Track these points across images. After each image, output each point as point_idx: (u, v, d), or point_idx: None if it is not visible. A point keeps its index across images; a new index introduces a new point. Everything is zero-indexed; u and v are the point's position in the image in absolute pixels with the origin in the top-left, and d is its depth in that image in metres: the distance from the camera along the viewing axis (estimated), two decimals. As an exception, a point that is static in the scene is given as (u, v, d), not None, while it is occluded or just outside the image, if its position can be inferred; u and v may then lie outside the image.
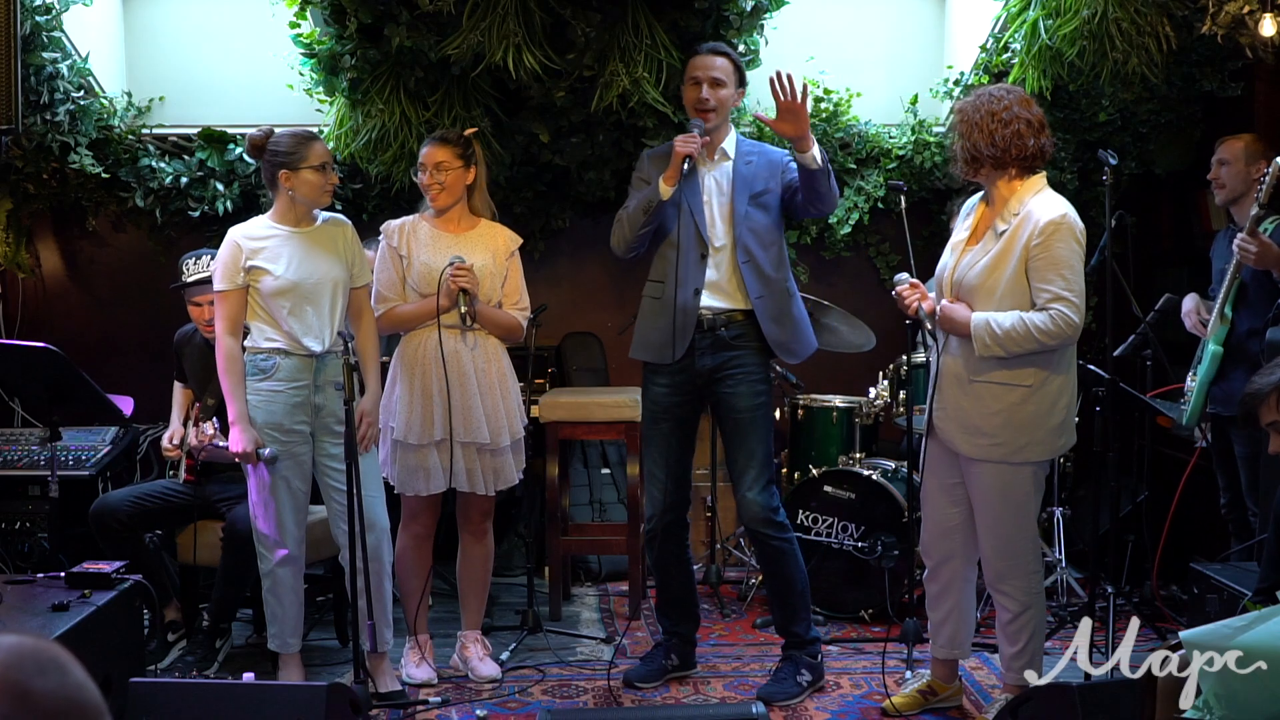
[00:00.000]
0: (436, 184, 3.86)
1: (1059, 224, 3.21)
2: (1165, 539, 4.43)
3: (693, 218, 3.73)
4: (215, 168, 5.15)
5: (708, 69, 3.75)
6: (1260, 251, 3.84)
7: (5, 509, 4.62)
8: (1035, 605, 3.43)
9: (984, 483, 3.37)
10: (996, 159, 3.30)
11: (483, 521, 4.00)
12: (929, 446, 3.53)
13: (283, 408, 3.65)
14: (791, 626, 3.86)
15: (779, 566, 3.81)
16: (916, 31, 5.59)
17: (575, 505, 5.33)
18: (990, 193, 3.40)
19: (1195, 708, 2.31)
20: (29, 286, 5.42)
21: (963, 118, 3.35)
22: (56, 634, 2.92)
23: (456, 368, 3.82)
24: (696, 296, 3.73)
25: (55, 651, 1.24)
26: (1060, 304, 3.19)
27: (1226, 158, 4.20)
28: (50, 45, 4.68)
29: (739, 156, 3.81)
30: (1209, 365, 4.05)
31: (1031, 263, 3.23)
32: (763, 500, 3.74)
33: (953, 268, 3.39)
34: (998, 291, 3.27)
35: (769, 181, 3.78)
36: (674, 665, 3.96)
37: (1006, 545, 3.39)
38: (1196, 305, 4.25)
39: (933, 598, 3.63)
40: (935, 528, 3.56)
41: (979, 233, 3.39)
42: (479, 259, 3.87)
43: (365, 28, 4.40)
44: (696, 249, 3.74)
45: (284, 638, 3.78)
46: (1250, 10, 3.97)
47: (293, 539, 3.70)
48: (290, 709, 2.87)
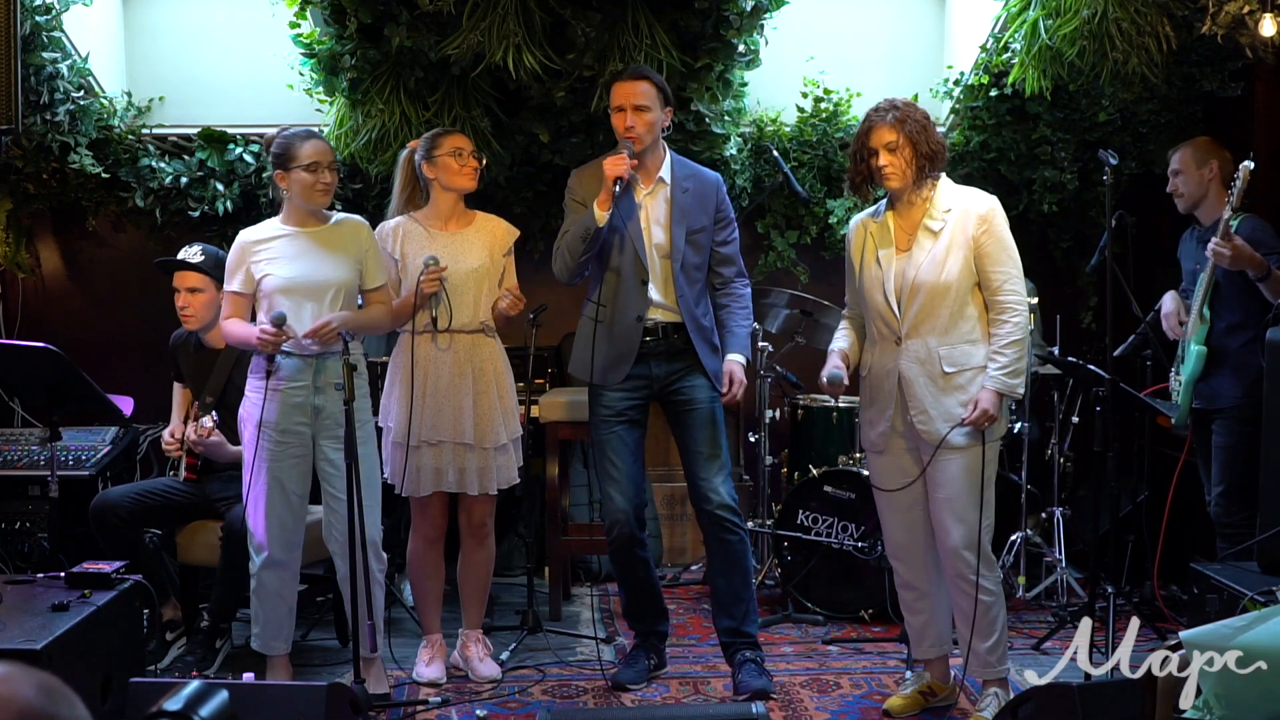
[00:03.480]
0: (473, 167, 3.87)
1: (996, 210, 3.47)
2: (1163, 538, 4.44)
3: (632, 245, 3.73)
4: (215, 168, 5.15)
5: (630, 96, 3.69)
6: (1234, 254, 3.89)
7: (5, 509, 4.62)
8: (1000, 594, 3.51)
9: (956, 469, 3.42)
10: (942, 159, 3.48)
11: (484, 524, 4.00)
12: (879, 460, 3.58)
13: (281, 408, 3.64)
14: (744, 627, 3.83)
15: (740, 560, 3.80)
16: (916, 31, 5.60)
17: (575, 505, 5.33)
18: (909, 201, 3.49)
19: (1195, 708, 2.31)
20: (29, 286, 5.42)
21: (910, 128, 3.42)
22: (56, 634, 2.91)
23: (456, 367, 3.82)
24: (639, 323, 3.75)
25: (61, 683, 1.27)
26: (1011, 283, 3.44)
27: (1177, 167, 4.30)
28: (50, 45, 4.68)
29: (675, 183, 3.79)
30: (1195, 364, 4.10)
31: (981, 249, 3.44)
32: (728, 488, 3.77)
33: (895, 277, 3.46)
34: (953, 283, 3.42)
35: (702, 218, 3.79)
36: (654, 664, 3.98)
37: (972, 530, 3.42)
38: (1176, 307, 4.27)
39: (910, 603, 3.66)
40: (903, 534, 3.60)
41: (903, 241, 3.49)
42: (474, 260, 3.87)
43: (365, 28, 4.41)
44: (637, 275, 3.74)
45: (265, 639, 3.76)
46: (1250, 10, 3.97)
47: (281, 543, 3.67)
48: (290, 709, 2.86)
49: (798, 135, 5.36)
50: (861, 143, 3.49)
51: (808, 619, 4.58)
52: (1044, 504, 4.93)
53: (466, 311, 3.86)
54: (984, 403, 3.39)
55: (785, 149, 5.31)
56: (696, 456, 3.79)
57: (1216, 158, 4.22)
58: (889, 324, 3.49)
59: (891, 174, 3.44)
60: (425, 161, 3.89)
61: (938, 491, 3.46)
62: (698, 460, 3.79)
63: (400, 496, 3.95)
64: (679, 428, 3.85)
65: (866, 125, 3.50)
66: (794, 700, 3.78)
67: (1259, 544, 3.66)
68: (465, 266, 3.86)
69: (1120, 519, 4.69)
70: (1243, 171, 3.81)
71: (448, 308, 3.79)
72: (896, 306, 3.46)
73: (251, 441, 3.67)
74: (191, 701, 1.39)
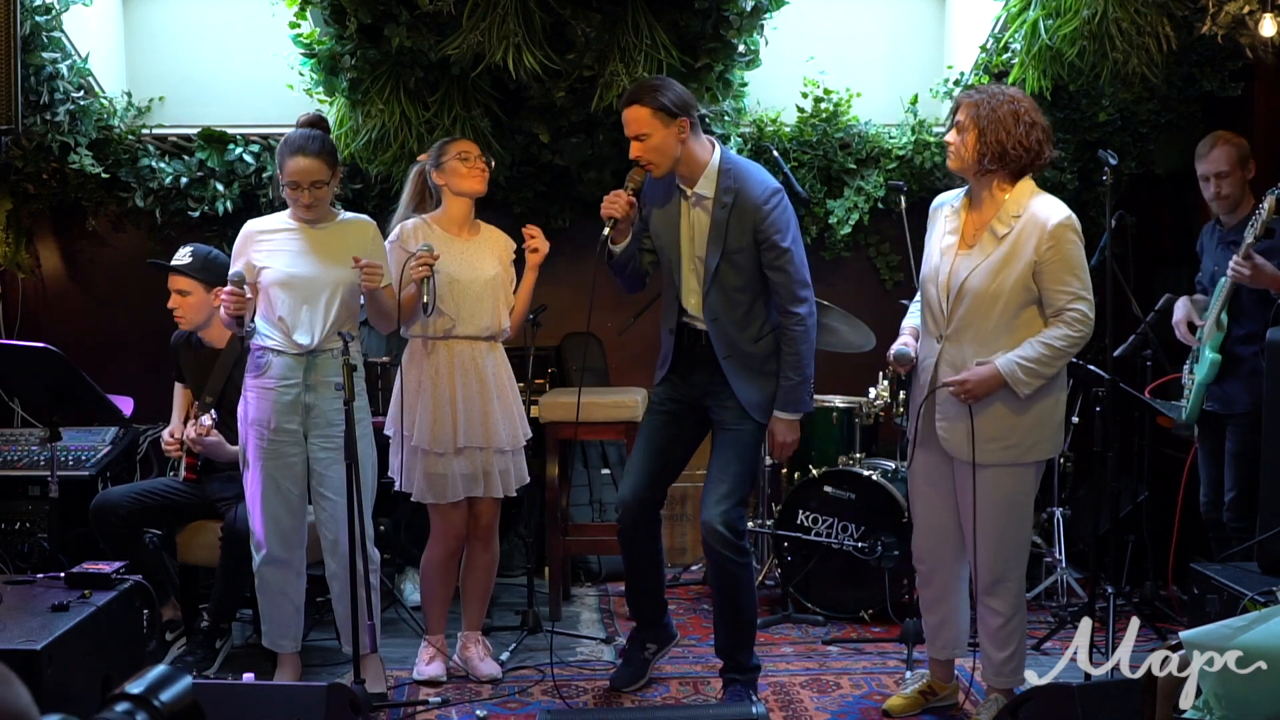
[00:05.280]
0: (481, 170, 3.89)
1: (1067, 226, 3.25)
2: (1162, 538, 4.44)
3: (669, 257, 3.67)
4: (215, 168, 5.14)
5: (628, 127, 3.52)
6: (1254, 274, 3.86)
7: (5, 509, 4.62)
8: (1021, 609, 3.47)
9: (989, 488, 3.33)
10: (1021, 163, 3.29)
11: (491, 527, 4.00)
12: (917, 454, 3.53)
13: (272, 405, 3.65)
14: (736, 655, 3.72)
15: (732, 591, 3.64)
16: (916, 31, 5.59)
17: (575, 505, 5.33)
18: (980, 195, 3.37)
19: (1195, 708, 2.31)
20: (29, 286, 5.41)
21: (984, 114, 3.28)
22: (56, 634, 2.91)
23: (475, 374, 3.84)
24: (670, 335, 3.71)
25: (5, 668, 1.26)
26: (1078, 304, 3.25)
27: (1225, 168, 4.14)
28: (50, 45, 4.68)
29: (716, 197, 3.54)
30: (1208, 370, 4.07)
31: (1044, 266, 3.24)
32: (728, 518, 3.55)
33: (949, 272, 3.35)
34: (1003, 294, 3.27)
35: (742, 238, 3.52)
36: (653, 652, 3.93)
37: (1003, 550, 3.38)
38: (1187, 314, 4.25)
39: (928, 602, 3.63)
40: (929, 533, 3.55)
41: (969, 236, 3.36)
42: (489, 268, 3.89)
43: (365, 28, 4.40)
44: (673, 286, 3.69)
45: (274, 638, 3.79)
46: (1250, 10, 3.97)
47: (279, 540, 3.69)
48: (290, 709, 2.87)
49: (798, 135, 5.36)
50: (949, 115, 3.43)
51: (808, 619, 4.58)
52: (1044, 504, 4.93)
53: (485, 318, 3.87)
54: (978, 374, 3.25)
55: (785, 149, 5.30)
56: (708, 477, 3.68)
57: (1251, 158, 4.16)
58: (936, 320, 3.40)
59: (950, 152, 3.36)
60: (435, 169, 3.91)
61: (965, 504, 3.40)
62: (708, 480, 3.67)
63: (400, 497, 3.95)
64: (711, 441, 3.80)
65: (956, 99, 3.43)
66: (794, 700, 3.78)
67: (1259, 544, 3.66)
68: (484, 275, 3.88)
69: (1120, 519, 4.69)
70: (1269, 201, 3.69)
71: (435, 294, 3.75)
72: (944, 304, 3.36)
73: (245, 439, 3.68)
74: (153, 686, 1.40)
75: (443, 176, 3.89)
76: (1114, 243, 3.84)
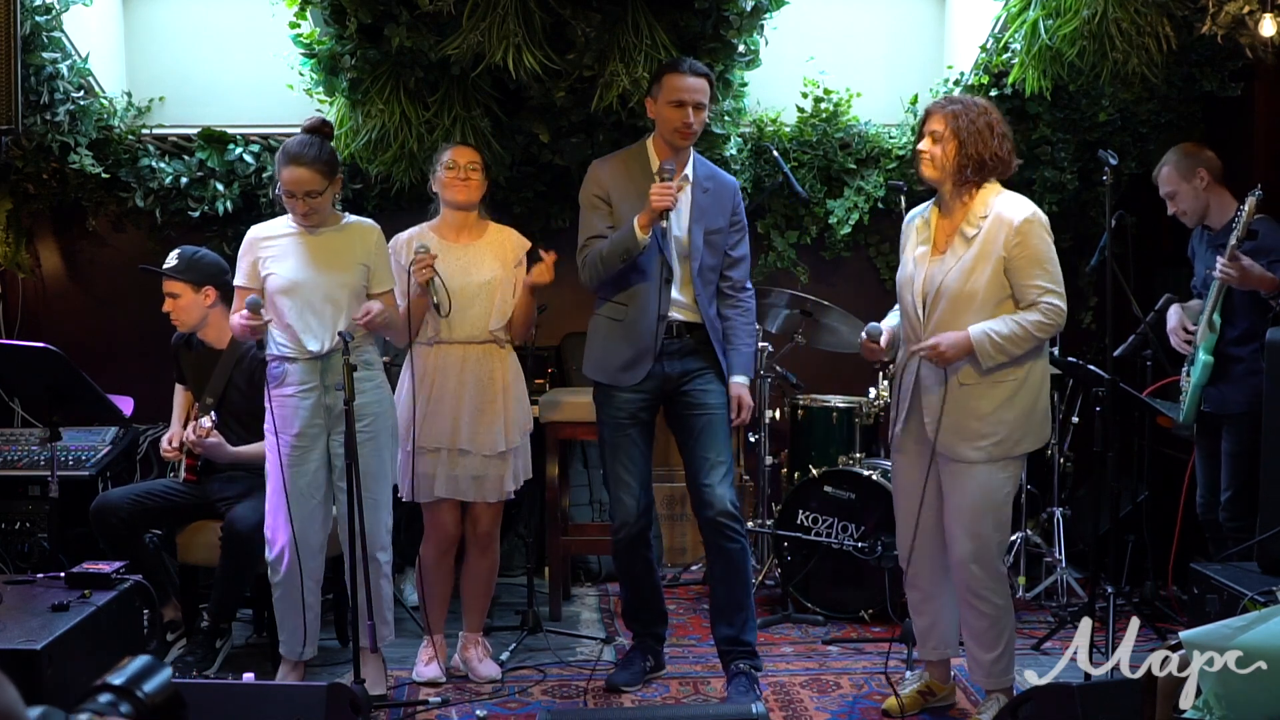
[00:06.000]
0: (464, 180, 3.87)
1: (1032, 221, 3.33)
2: (1162, 538, 4.43)
3: (658, 244, 3.68)
4: (215, 168, 5.14)
5: (694, 92, 3.63)
6: (1241, 275, 3.88)
7: (5, 509, 4.62)
8: (1008, 605, 3.47)
9: (972, 484, 3.38)
10: (995, 173, 3.37)
11: (490, 533, 4.00)
12: (899, 457, 3.56)
13: (294, 413, 3.66)
14: (743, 635, 3.76)
15: (740, 567, 3.73)
16: (916, 31, 5.60)
17: (575, 505, 5.33)
18: (952, 203, 3.43)
19: (1195, 708, 2.31)
20: (29, 286, 5.41)
21: (964, 125, 3.34)
22: (56, 634, 2.91)
23: (467, 378, 3.83)
24: (661, 323, 3.71)
25: None
26: (1049, 296, 3.33)
27: (1170, 189, 4.26)
28: (50, 45, 4.68)
29: (697, 183, 3.76)
30: (1201, 373, 4.09)
31: (1013, 261, 3.32)
32: (731, 495, 3.71)
33: (924, 279, 3.42)
34: (979, 293, 3.33)
35: (719, 220, 3.77)
36: (651, 667, 3.95)
37: (985, 545, 3.40)
38: (1180, 321, 4.26)
39: (917, 604, 3.65)
40: (913, 534, 3.57)
41: (941, 243, 3.43)
42: (483, 273, 3.88)
43: (365, 28, 4.40)
44: (661, 274, 3.70)
45: (292, 645, 3.79)
46: (1250, 10, 3.96)
47: (301, 551, 3.66)
48: (290, 709, 2.87)
49: (798, 135, 5.36)
50: (919, 124, 3.47)
51: (808, 619, 4.58)
52: (1044, 504, 4.93)
53: (476, 323, 3.86)
54: (949, 337, 3.30)
55: (785, 149, 5.31)
56: (702, 463, 3.72)
57: (1201, 164, 4.20)
58: (914, 326, 3.46)
59: (925, 161, 3.40)
60: (431, 174, 3.92)
61: (949, 502, 3.43)
62: (703, 466, 3.72)
63: (401, 499, 3.95)
64: (684, 431, 3.79)
65: (928, 109, 3.47)
66: (794, 700, 3.78)
67: (1258, 544, 3.66)
68: (475, 280, 3.86)
69: (1120, 519, 4.69)
70: (1249, 203, 3.76)
71: (445, 293, 3.76)
72: (921, 310, 3.42)
73: (272, 449, 3.68)
74: (135, 677, 1.40)
75: (436, 184, 3.92)
76: (1114, 243, 3.83)
